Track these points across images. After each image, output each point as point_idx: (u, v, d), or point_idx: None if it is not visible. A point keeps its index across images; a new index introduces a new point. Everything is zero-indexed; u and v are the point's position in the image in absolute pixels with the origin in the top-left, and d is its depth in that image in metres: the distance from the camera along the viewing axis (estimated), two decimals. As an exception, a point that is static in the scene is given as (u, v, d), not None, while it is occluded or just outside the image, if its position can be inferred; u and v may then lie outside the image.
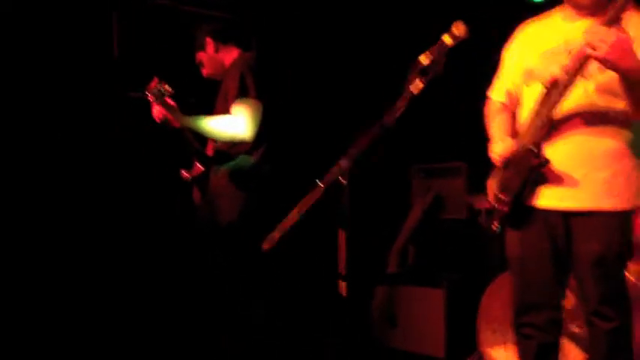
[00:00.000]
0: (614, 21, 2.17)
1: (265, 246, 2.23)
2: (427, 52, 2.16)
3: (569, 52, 2.35)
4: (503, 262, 2.67)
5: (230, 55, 3.39)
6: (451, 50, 2.25)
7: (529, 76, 2.49)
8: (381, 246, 4.80)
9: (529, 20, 2.62)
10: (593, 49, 2.14)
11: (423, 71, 2.18)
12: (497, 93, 2.68)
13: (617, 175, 2.37)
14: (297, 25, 4.79)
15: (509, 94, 2.62)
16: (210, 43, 3.39)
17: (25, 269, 3.76)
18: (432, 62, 2.17)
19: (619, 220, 2.38)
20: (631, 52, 2.17)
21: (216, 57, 3.40)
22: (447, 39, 2.19)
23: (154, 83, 3.18)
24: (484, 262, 4.19)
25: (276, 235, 2.23)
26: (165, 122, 3.20)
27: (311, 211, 2.28)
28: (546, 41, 2.47)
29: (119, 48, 4.20)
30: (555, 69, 2.35)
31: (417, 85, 2.21)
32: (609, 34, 2.12)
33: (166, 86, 3.18)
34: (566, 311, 2.95)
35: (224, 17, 3.82)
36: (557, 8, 2.53)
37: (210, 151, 3.36)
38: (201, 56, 3.43)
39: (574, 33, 2.37)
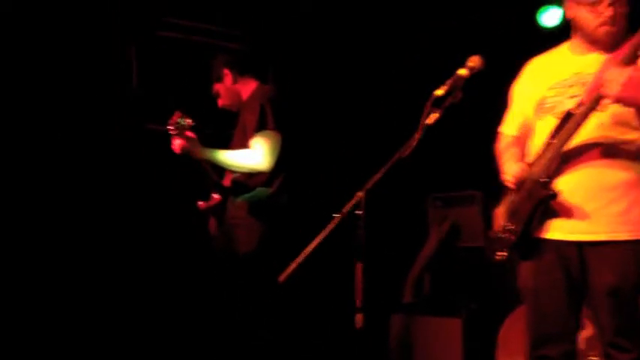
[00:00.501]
0: (630, 59, 2.17)
1: (282, 278, 2.24)
2: (442, 86, 2.19)
3: (583, 85, 2.35)
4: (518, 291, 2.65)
5: (248, 86, 3.42)
6: (468, 81, 2.27)
7: (541, 108, 2.49)
8: (397, 276, 4.78)
9: (538, 55, 2.63)
10: (606, 90, 2.15)
11: (439, 103, 2.21)
12: (508, 127, 2.68)
13: (632, 206, 2.35)
14: (315, 57, 4.84)
15: (520, 127, 2.63)
16: (227, 75, 3.41)
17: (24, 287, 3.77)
18: (448, 94, 2.20)
19: (634, 250, 2.35)
20: None
21: (234, 88, 3.42)
22: (462, 72, 2.22)
23: (176, 116, 3.22)
24: (502, 291, 4.15)
25: (292, 267, 2.24)
26: (185, 154, 3.23)
27: (328, 242, 2.29)
28: (557, 74, 2.48)
29: (137, 80, 4.25)
30: (568, 102, 2.36)
31: (432, 117, 2.23)
32: (620, 74, 2.13)
33: (188, 119, 3.22)
34: (584, 340, 2.91)
35: (240, 49, 3.86)
36: (566, 43, 2.54)
37: (227, 182, 3.38)
38: (218, 87, 3.45)
39: (585, 65, 2.39)
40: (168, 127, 3.21)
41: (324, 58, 4.85)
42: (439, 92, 2.23)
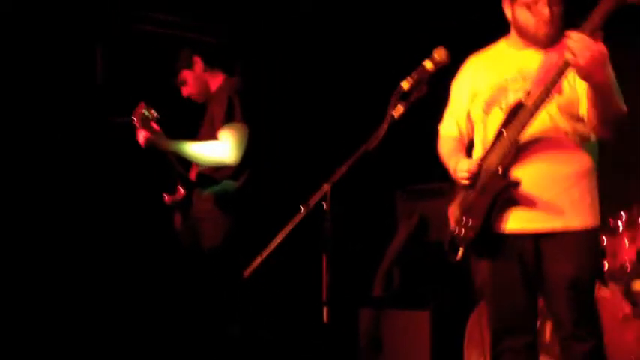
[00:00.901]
0: (594, 31, 2.18)
1: (247, 272, 2.22)
2: (408, 77, 2.18)
3: (524, 79, 2.39)
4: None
5: (216, 79, 3.38)
6: (435, 75, 2.27)
7: (485, 103, 2.50)
8: (366, 269, 4.78)
9: (475, 53, 2.65)
10: (574, 55, 2.15)
11: (405, 96, 2.20)
12: (448, 127, 2.68)
13: (585, 195, 2.40)
14: (281, 50, 4.82)
15: (460, 126, 2.63)
16: (198, 62, 3.36)
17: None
18: (413, 87, 2.19)
19: (589, 239, 2.40)
20: (606, 66, 2.20)
21: (203, 77, 3.37)
22: (428, 64, 2.22)
23: (141, 108, 3.17)
24: (470, 284, 4.17)
25: (258, 261, 2.22)
26: (150, 147, 3.19)
27: (294, 236, 2.28)
28: (499, 70, 2.50)
29: (102, 73, 4.20)
30: (513, 95, 2.39)
31: (398, 110, 2.22)
32: (591, 44, 2.13)
33: (153, 111, 3.18)
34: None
35: (210, 42, 3.82)
36: (503, 39, 2.57)
37: (193, 176, 3.35)
38: (186, 74, 3.39)
39: (525, 61, 2.43)
40: (132, 118, 3.17)
41: (290, 49, 4.83)
42: (405, 84, 2.22)
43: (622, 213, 3.40)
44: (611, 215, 3.39)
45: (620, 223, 3.39)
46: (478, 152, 2.54)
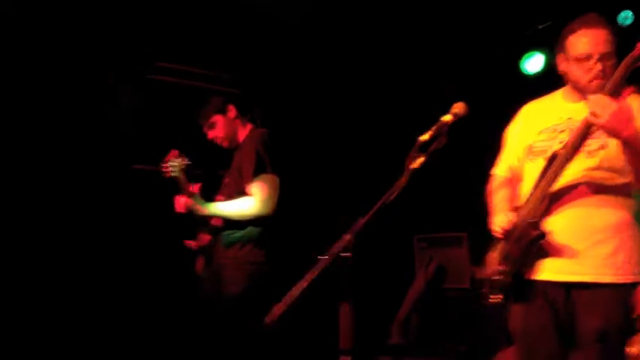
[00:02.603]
0: (615, 92, 2.24)
1: (269, 319, 2.24)
2: (428, 131, 2.24)
3: (572, 130, 2.42)
4: (507, 332, 2.66)
5: (244, 128, 3.46)
6: (453, 126, 2.32)
7: (531, 152, 2.55)
8: (384, 317, 4.77)
9: (532, 101, 2.70)
10: (595, 116, 2.21)
11: (424, 147, 2.25)
12: (500, 168, 2.74)
13: (619, 249, 2.39)
14: (302, 103, 4.91)
15: (512, 169, 2.68)
16: (232, 109, 3.44)
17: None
18: (432, 139, 2.25)
19: (621, 293, 2.38)
20: (631, 122, 2.22)
21: (234, 124, 3.44)
22: (446, 118, 2.27)
23: (172, 155, 3.24)
24: (488, 332, 4.16)
25: (279, 308, 2.24)
26: (190, 211, 3.24)
27: (315, 284, 2.30)
28: (549, 119, 2.55)
29: (126, 121, 4.29)
30: (558, 146, 2.42)
31: (417, 161, 2.27)
32: (610, 103, 2.19)
33: (184, 159, 3.24)
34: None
35: (238, 93, 3.91)
36: (560, 90, 2.61)
37: (217, 222, 3.39)
38: (217, 118, 3.44)
39: (577, 112, 2.45)
40: (163, 165, 3.23)
41: (310, 101, 4.92)
42: (424, 137, 2.28)
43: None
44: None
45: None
46: (522, 200, 2.57)
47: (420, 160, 2.28)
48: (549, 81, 2.64)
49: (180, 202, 3.24)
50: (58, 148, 4.05)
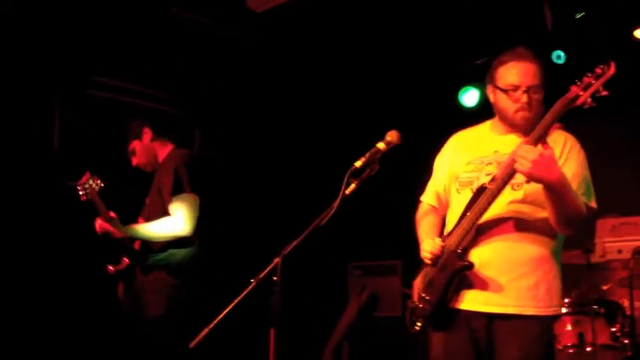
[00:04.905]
0: (540, 138, 2.29)
1: (192, 344, 2.19)
2: (362, 158, 2.25)
3: (499, 163, 2.46)
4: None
5: (164, 149, 3.40)
6: (387, 155, 2.34)
7: (459, 182, 2.58)
8: (316, 343, 4.74)
9: (461, 131, 2.75)
10: (520, 165, 2.26)
11: (357, 174, 2.26)
12: (427, 196, 2.77)
13: (540, 282, 2.43)
14: (239, 122, 4.89)
15: (439, 198, 2.71)
16: (147, 133, 3.39)
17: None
18: (365, 165, 2.26)
19: (541, 325, 2.42)
20: (553, 168, 2.27)
21: (151, 147, 3.39)
22: (380, 145, 2.29)
23: (85, 177, 3.17)
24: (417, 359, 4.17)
25: (204, 332, 2.20)
26: (107, 234, 3.16)
27: (243, 308, 2.27)
28: (476, 150, 2.59)
29: (60, 138, 4.19)
30: (485, 178, 2.46)
31: (350, 187, 2.28)
32: (532, 152, 2.24)
33: (97, 180, 3.17)
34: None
35: (163, 111, 3.87)
36: (488, 122, 2.66)
37: (137, 245, 3.30)
38: (135, 145, 3.41)
39: (503, 145, 2.50)
40: (77, 187, 3.16)
41: (246, 123, 4.91)
42: (358, 164, 2.29)
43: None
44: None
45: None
46: (448, 228, 2.59)
47: (352, 186, 2.29)
48: (487, 114, 2.69)
49: (97, 224, 3.16)
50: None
